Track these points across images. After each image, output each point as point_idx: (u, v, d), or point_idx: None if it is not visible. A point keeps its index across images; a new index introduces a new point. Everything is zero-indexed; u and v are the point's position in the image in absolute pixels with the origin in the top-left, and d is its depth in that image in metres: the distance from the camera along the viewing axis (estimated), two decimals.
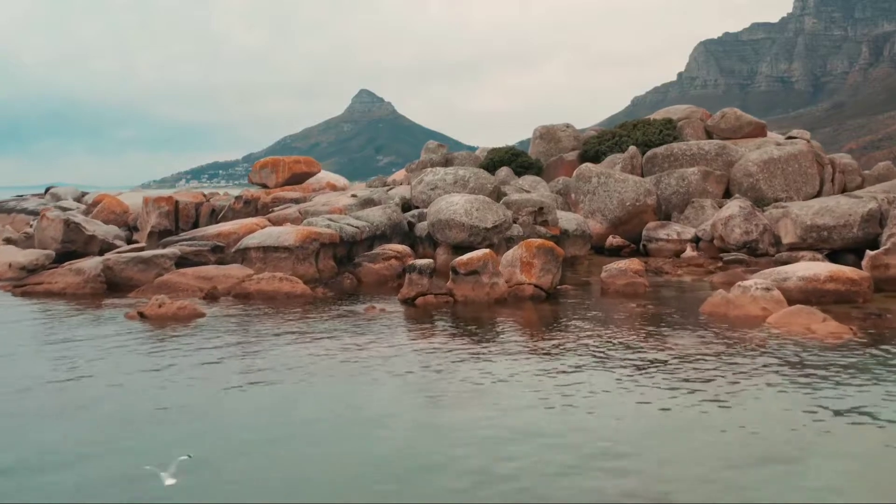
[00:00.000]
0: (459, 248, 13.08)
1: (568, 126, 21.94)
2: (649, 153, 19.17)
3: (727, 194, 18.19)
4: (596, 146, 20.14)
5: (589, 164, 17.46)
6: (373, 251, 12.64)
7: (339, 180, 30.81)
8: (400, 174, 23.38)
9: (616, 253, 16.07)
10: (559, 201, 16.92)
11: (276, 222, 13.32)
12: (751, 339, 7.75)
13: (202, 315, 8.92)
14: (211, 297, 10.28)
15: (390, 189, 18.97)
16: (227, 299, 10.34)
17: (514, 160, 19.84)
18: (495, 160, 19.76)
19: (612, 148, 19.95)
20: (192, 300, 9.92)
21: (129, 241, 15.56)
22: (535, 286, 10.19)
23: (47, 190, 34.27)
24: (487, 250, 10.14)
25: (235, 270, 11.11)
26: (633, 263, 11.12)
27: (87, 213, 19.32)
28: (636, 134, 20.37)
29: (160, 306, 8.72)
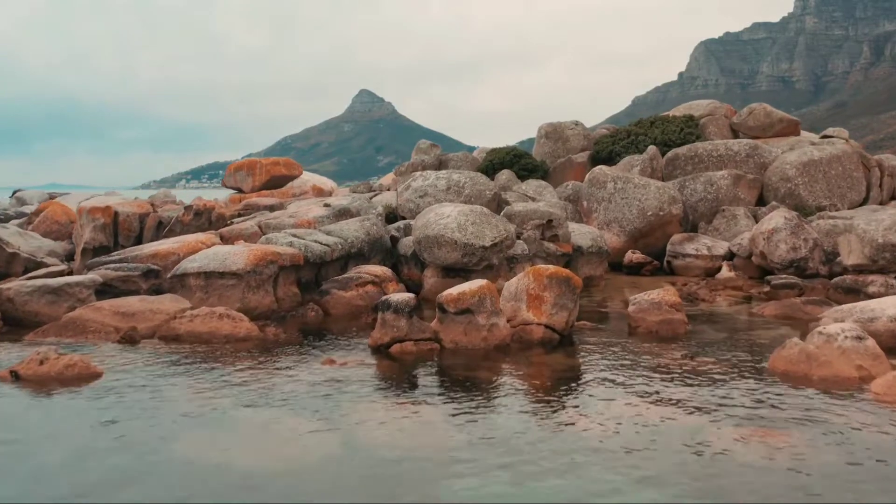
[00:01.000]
0: (451, 271, 10.78)
1: (577, 124, 19.62)
2: (670, 154, 16.84)
3: (760, 201, 15.89)
4: (609, 146, 17.82)
5: (603, 168, 15.14)
6: (346, 275, 10.35)
7: (326, 183, 28.56)
8: (388, 178, 21.06)
9: (636, 271, 13.76)
10: (569, 210, 14.62)
11: (230, 239, 11.02)
12: (863, 423, 5.42)
13: (97, 375, 6.58)
14: (129, 340, 7.95)
15: (376, 195, 16.68)
16: (150, 343, 8.00)
17: (516, 162, 17.54)
18: (495, 162, 17.46)
19: (628, 148, 17.63)
20: (96, 348, 7.62)
21: (71, 259, 13.27)
22: (547, 327, 7.91)
23: (14, 193, 31.93)
24: (484, 282, 7.79)
25: (167, 303, 8.78)
26: (668, 293, 8.80)
27: (29, 222, 17.02)
28: (654, 132, 18.05)
29: (42, 363, 6.43)
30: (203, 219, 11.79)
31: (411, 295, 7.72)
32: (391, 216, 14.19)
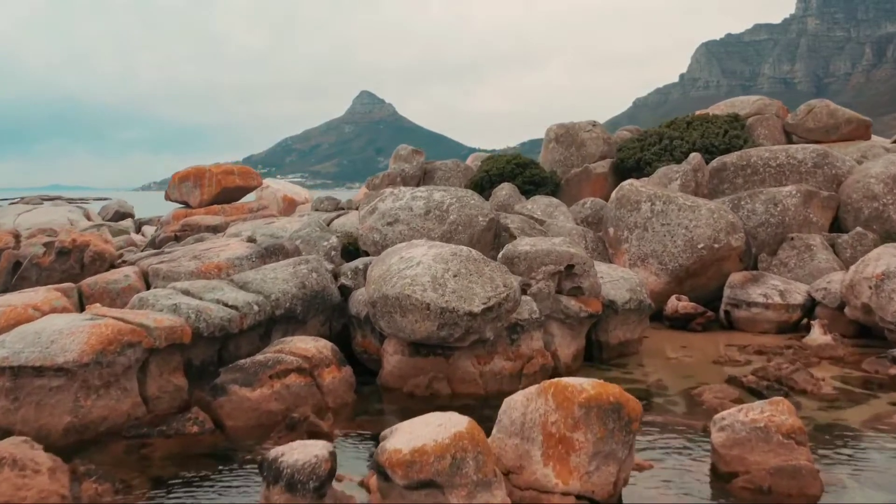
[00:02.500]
0: (424, 346, 7.17)
1: (594, 125, 15.92)
2: (715, 163, 13.19)
3: (835, 226, 12.30)
4: (636, 153, 14.16)
5: (635, 183, 11.47)
6: (258, 357, 6.75)
7: (300, 193, 24.88)
8: (361, 192, 17.43)
9: (684, 324, 10.13)
10: (588, 238, 11.01)
11: (92, 296, 7.41)
12: None
13: None
14: None
15: (340, 216, 13.01)
16: None
17: (519, 173, 13.86)
18: (493, 174, 13.78)
19: (660, 155, 14.01)
20: None
21: None
22: (580, 497, 4.34)
23: None
24: (463, 428, 4.14)
25: None
26: (779, 411, 5.17)
27: None
28: (691, 135, 14.40)
29: None
30: (71, 260, 8.17)
31: (323, 450, 4.07)
32: (352, 249, 10.57)
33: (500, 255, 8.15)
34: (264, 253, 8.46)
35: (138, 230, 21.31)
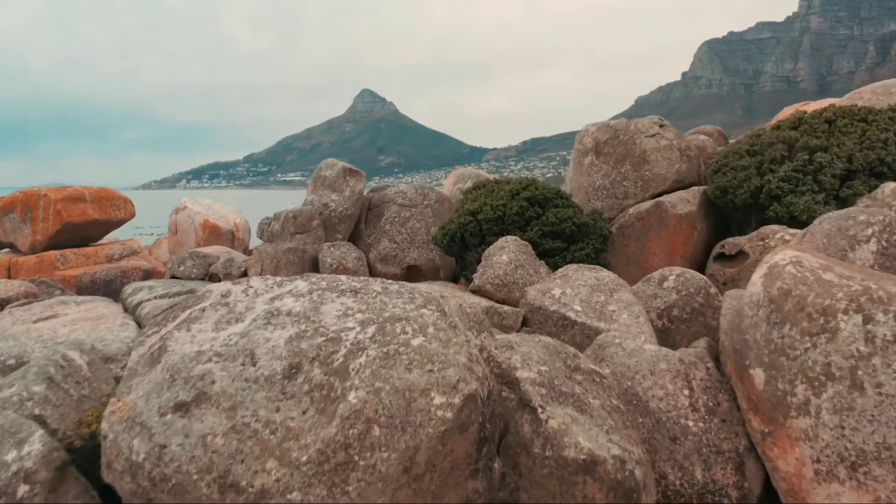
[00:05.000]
0: None
1: (661, 124, 9.64)
2: None
3: None
4: (751, 177, 7.87)
5: (810, 263, 5.30)
6: None
7: (227, 218, 18.40)
8: (254, 258, 10.88)
9: None
10: (695, 381, 4.97)
11: None
12: None
13: None
14: None
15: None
16: None
17: (536, 217, 6.96)
18: (485, 219, 7.37)
19: (797, 182, 7.85)
20: None
21: None
22: None
23: None
24: None
25: None
26: None
27: None
28: (844, 144, 8.31)
29: None
30: None
31: None
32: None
33: None
34: None
35: None
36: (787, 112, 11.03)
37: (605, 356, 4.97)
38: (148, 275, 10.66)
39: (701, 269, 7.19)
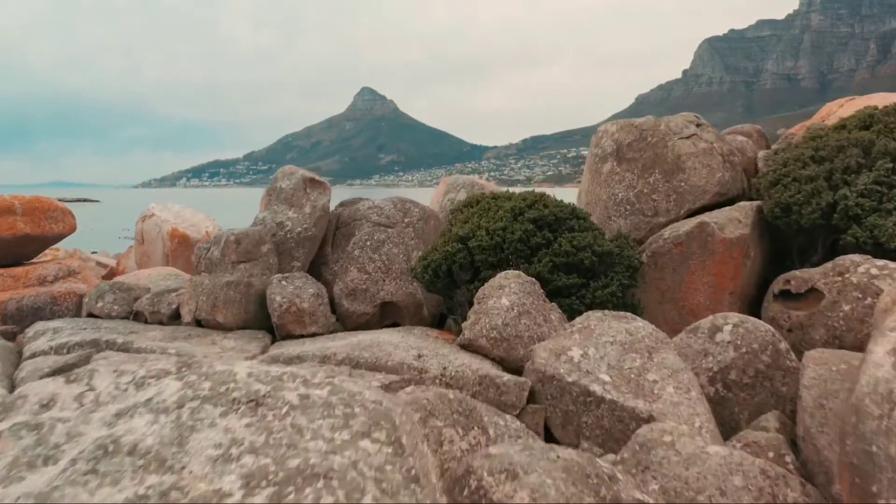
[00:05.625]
0: None
1: (698, 123, 7.97)
2: None
3: None
4: (822, 191, 6.13)
5: None
6: None
7: (198, 226, 16.82)
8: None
9: None
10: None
11: None
12: None
13: None
14: None
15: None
16: None
17: (545, 245, 5.10)
18: (478, 248, 5.05)
19: (881, 197, 6.18)
20: None
21: None
22: None
23: None
24: None
25: None
26: None
27: None
28: None
29: None
30: None
31: None
32: None
33: None
34: None
35: None
36: (831, 109, 9.45)
37: (651, 464, 3.40)
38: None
39: (755, 308, 5.63)
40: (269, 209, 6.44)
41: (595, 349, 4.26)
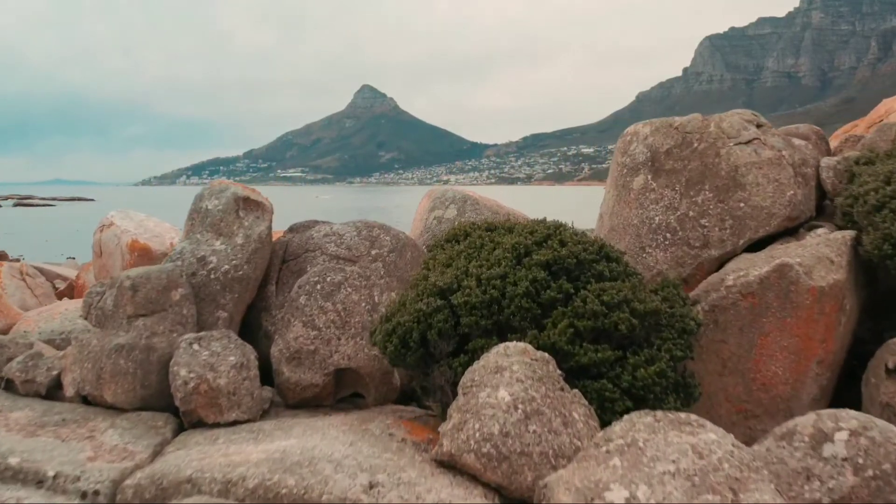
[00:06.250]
0: None
1: (758, 123, 6.23)
2: None
3: None
4: None
5: None
6: None
7: (162, 237, 15.01)
8: None
9: None
10: None
11: None
12: None
13: None
14: None
15: None
16: None
17: (562, 304, 3.44)
18: (468, 312, 3.26)
19: None
20: None
21: None
22: None
23: None
24: None
25: None
26: None
27: None
28: None
29: None
30: None
31: None
32: None
33: None
34: None
35: None
36: (891, 105, 7.84)
37: None
38: None
39: (851, 383, 4.05)
40: (191, 238, 4.83)
41: (648, 487, 2.66)
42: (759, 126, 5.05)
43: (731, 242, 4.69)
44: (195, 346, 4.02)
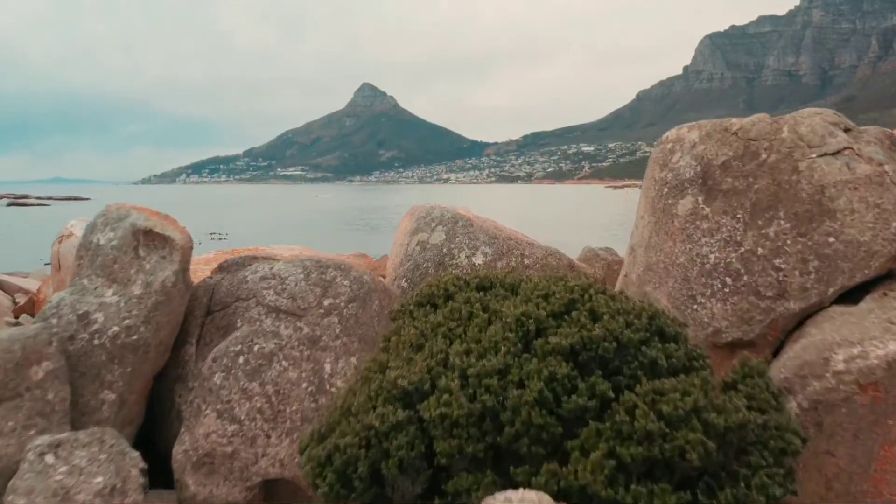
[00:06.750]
0: None
1: (847, 128, 5.00)
2: None
3: None
4: None
5: None
6: None
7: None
8: None
9: None
10: None
11: None
12: None
13: None
14: None
15: None
16: None
17: (595, 416, 2.11)
18: (444, 432, 2.60)
19: None
20: None
21: None
22: None
23: None
24: None
25: None
26: None
27: None
28: None
29: None
30: None
31: None
32: None
33: None
34: None
35: None
36: None
37: None
38: None
39: None
40: (75, 285, 3.51)
41: None
42: (846, 130, 3.74)
43: (818, 291, 3.38)
44: (48, 459, 2.71)
